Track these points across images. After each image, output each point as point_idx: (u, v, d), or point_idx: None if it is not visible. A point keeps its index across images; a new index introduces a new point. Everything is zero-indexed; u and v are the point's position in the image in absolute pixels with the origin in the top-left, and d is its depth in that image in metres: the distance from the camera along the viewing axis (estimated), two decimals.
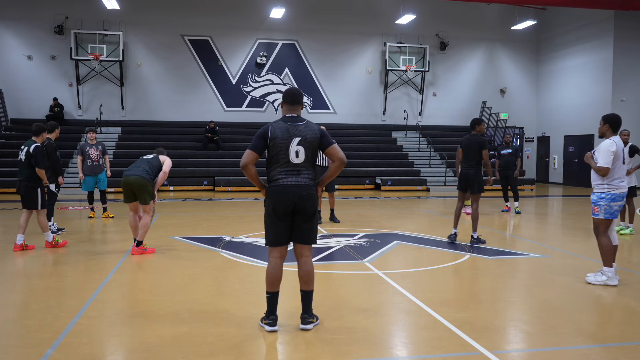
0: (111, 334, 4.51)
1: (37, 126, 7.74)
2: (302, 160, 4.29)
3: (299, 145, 4.26)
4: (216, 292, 5.68)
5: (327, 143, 4.35)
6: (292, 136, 4.26)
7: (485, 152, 8.28)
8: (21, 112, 20.94)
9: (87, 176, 10.98)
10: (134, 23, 21.64)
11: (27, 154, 7.48)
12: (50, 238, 7.77)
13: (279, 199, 4.26)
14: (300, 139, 4.27)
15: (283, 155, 4.26)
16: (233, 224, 10.46)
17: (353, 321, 4.67)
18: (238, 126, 22.07)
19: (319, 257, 7.25)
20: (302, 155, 4.28)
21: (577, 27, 22.09)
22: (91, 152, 11.00)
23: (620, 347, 4.20)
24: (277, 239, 4.36)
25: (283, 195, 4.25)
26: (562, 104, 23.21)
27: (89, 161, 10.98)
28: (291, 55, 23.03)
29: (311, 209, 4.33)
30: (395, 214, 12.77)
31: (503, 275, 6.65)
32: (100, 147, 11.16)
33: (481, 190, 8.35)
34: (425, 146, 22.39)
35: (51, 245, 7.75)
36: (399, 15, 21.68)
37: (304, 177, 4.31)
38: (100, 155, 11.09)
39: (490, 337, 4.33)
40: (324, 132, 4.39)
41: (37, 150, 7.50)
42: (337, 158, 4.33)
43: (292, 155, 4.26)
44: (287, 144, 4.25)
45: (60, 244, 7.86)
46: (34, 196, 7.52)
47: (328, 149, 4.34)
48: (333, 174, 4.38)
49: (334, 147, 4.36)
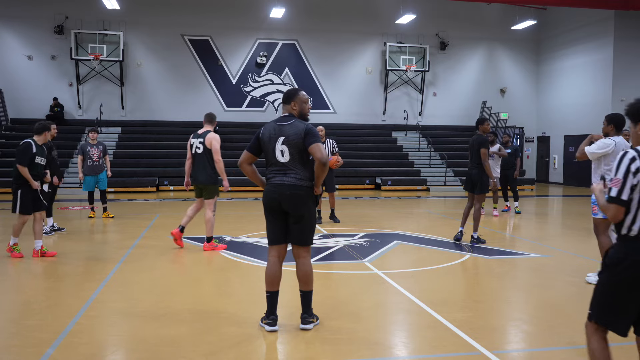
0: (111, 334, 4.51)
1: (40, 125, 7.33)
2: (287, 159, 4.31)
3: (283, 144, 4.31)
4: (216, 292, 5.69)
5: (309, 142, 4.26)
6: (277, 136, 4.33)
7: (483, 151, 8.23)
8: (21, 112, 20.93)
9: (88, 176, 10.97)
10: (134, 23, 21.63)
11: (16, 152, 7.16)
12: (39, 246, 7.13)
13: (267, 198, 4.38)
14: (284, 139, 4.31)
15: (271, 155, 4.36)
16: (233, 224, 10.46)
17: (353, 321, 4.67)
18: (238, 126, 22.05)
19: (319, 257, 7.26)
20: (287, 154, 4.30)
21: (577, 27, 22.09)
22: (92, 152, 10.97)
23: (620, 346, 4.20)
24: (273, 237, 4.44)
25: (269, 195, 4.35)
26: (562, 104, 23.20)
27: (89, 161, 10.95)
28: (291, 55, 23.02)
29: (297, 209, 4.30)
30: (395, 213, 12.78)
31: (503, 275, 6.65)
32: (101, 147, 11.16)
33: (483, 191, 8.31)
34: (425, 146, 22.38)
35: (39, 255, 7.09)
36: (399, 15, 21.67)
37: (291, 176, 4.32)
38: (100, 156, 11.08)
39: (490, 337, 4.33)
40: (309, 131, 4.30)
41: (20, 147, 7.08)
42: (315, 158, 4.25)
43: (278, 154, 4.32)
44: (273, 144, 4.33)
45: (48, 253, 7.19)
46: (15, 198, 7.03)
47: (309, 147, 4.25)
48: (318, 175, 4.30)
49: (315, 146, 4.24)
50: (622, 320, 2.85)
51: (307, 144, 4.27)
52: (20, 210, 6.99)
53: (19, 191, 6.98)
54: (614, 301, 2.84)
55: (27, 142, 7.10)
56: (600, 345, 2.91)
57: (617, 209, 2.81)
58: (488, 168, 8.26)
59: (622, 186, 2.78)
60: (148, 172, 18.90)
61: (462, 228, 8.51)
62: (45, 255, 7.15)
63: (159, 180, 18.82)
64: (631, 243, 2.81)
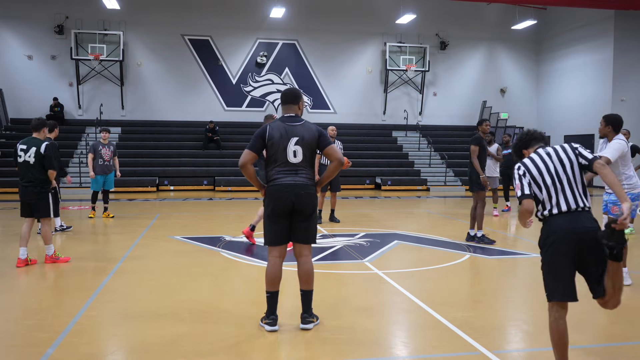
0: (111, 334, 4.52)
1: (38, 120, 6.90)
2: (300, 160, 4.30)
3: (296, 145, 4.28)
4: (216, 292, 5.68)
5: (325, 143, 4.38)
6: (290, 136, 4.29)
7: (472, 148, 8.38)
8: (21, 111, 20.92)
9: (98, 175, 10.93)
10: (134, 23, 21.63)
11: (37, 154, 6.63)
12: (52, 251, 6.86)
13: (277, 199, 4.28)
14: (298, 139, 4.29)
15: (281, 155, 4.29)
16: (233, 224, 10.45)
17: (353, 321, 4.67)
18: (238, 126, 22.06)
19: (319, 257, 7.25)
20: (300, 155, 4.30)
21: (577, 27, 22.08)
22: (103, 151, 10.96)
23: (621, 346, 4.20)
24: (276, 238, 4.37)
25: (281, 195, 4.27)
26: (562, 104, 23.21)
27: (100, 160, 10.92)
28: (291, 55, 23.02)
29: (309, 208, 4.34)
30: (395, 213, 12.78)
31: (503, 275, 6.65)
32: (112, 147, 11.15)
33: (476, 189, 8.35)
34: (425, 146, 22.38)
35: (52, 260, 6.82)
36: (399, 14, 21.67)
37: (302, 176, 4.32)
38: (111, 156, 11.06)
39: (490, 337, 4.33)
40: (322, 132, 4.40)
41: (50, 149, 6.68)
42: (335, 158, 4.34)
43: (290, 155, 4.28)
44: (285, 144, 4.28)
45: (61, 259, 6.89)
46: (46, 203, 6.73)
47: (326, 149, 4.37)
48: (331, 174, 4.41)
49: (330, 147, 4.38)
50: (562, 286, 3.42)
51: (322, 146, 4.35)
52: (55, 213, 6.85)
53: (49, 195, 6.78)
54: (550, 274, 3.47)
55: (51, 144, 6.76)
56: (557, 323, 3.43)
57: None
58: (476, 164, 8.34)
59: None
60: (148, 172, 18.90)
61: (472, 230, 8.53)
62: (59, 261, 6.86)
63: (159, 180, 18.83)
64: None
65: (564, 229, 3.38)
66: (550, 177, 3.48)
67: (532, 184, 3.50)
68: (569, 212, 3.42)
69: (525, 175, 3.52)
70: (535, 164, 3.54)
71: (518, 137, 3.82)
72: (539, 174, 3.50)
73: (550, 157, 3.54)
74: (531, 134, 3.74)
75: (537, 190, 3.50)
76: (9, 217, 11.47)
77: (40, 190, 6.72)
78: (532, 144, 3.70)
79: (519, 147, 3.78)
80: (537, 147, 3.67)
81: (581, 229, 3.35)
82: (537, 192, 3.50)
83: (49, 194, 6.79)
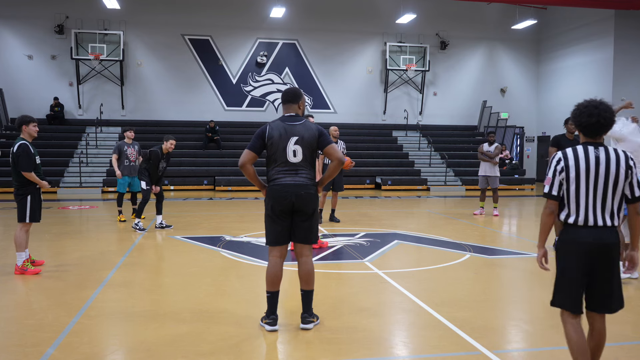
0: (111, 334, 4.52)
1: (18, 118, 6.44)
2: (300, 159, 4.30)
3: (296, 144, 4.27)
4: (216, 291, 5.68)
5: (326, 142, 4.36)
6: (290, 136, 4.28)
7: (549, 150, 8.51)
8: (21, 111, 20.82)
9: (124, 176, 10.41)
10: (135, 22, 21.63)
11: (12, 155, 6.27)
12: (21, 262, 6.32)
13: (278, 199, 4.28)
14: (297, 139, 4.28)
15: (281, 154, 4.28)
16: (233, 224, 10.45)
17: (353, 321, 4.67)
18: (238, 126, 22.06)
19: (319, 257, 7.25)
20: (299, 154, 4.29)
21: (578, 27, 22.08)
22: (129, 151, 10.45)
23: (621, 346, 4.20)
24: (277, 238, 4.37)
25: (281, 195, 4.26)
26: (562, 104, 23.18)
27: (126, 161, 10.39)
28: (291, 55, 23.02)
29: (309, 208, 4.33)
30: (395, 213, 12.78)
31: (503, 275, 6.65)
32: (137, 146, 10.58)
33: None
34: (425, 146, 22.38)
35: (20, 272, 6.28)
36: (399, 14, 21.67)
37: (302, 176, 4.31)
38: (136, 156, 10.53)
39: (490, 337, 4.33)
40: (322, 132, 4.39)
41: (20, 149, 6.22)
42: (335, 158, 4.34)
43: (290, 154, 4.27)
44: (285, 143, 4.26)
45: (30, 271, 6.31)
46: (22, 205, 6.32)
47: (326, 148, 4.35)
48: (332, 174, 4.39)
49: (331, 147, 4.36)
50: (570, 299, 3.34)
51: (322, 145, 4.33)
52: (30, 218, 6.32)
53: (28, 197, 6.31)
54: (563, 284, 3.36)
55: (23, 144, 6.26)
56: (574, 330, 3.31)
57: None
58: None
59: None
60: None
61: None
62: (26, 272, 6.31)
63: None
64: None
65: (587, 243, 3.18)
66: (586, 187, 3.17)
67: (563, 184, 3.21)
68: (595, 227, 3.18)
69: (561, 173, 3.20)
70: (578, 167, 3.18)
71: (579, 110, 3.24)
72: (575, 178, 3.17)
73: (597, 166, 3.16)
74: (594, 121, 3.15)
75: (565, 191, 3.22)
76: (10, 217, 11.46)
77: (17, 192, 6.34)
78: (588, 133, 3.21)
79: (578, 120, 3.23)
80: (589, 140, 3.24)
81: (601, 243, 3.18)
82: (565, 193, 3.22)
83: (27, 197, 6.31)
